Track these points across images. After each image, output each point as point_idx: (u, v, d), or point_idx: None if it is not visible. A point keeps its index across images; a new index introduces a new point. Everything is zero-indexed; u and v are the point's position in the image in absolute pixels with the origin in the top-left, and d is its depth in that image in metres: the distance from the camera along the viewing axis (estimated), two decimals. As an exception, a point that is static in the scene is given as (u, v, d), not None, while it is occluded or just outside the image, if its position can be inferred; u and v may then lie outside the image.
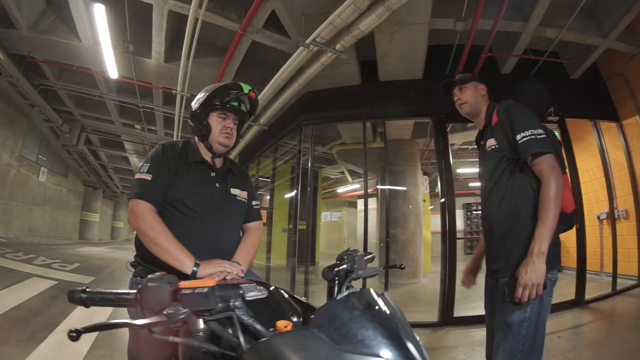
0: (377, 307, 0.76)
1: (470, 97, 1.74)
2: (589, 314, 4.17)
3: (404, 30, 4.08)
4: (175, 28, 5.46)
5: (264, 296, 0.93)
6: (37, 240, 11.67)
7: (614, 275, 4.87)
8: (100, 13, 4.77)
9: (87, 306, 0.80)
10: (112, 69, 6.16)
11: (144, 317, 0.71)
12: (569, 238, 6.06)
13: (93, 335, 3.05)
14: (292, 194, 5.96)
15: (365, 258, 1.21)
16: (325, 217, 17.29)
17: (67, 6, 5.25)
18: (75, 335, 0.63)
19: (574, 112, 5.00)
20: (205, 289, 0.77)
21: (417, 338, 0.74)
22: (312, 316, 0.75)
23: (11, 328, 3.15)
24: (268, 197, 9.17)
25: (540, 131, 1.44)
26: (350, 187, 13.40)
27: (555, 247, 1.41)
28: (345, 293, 0.81)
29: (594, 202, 5.94)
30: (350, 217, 16.63)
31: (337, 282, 1.03)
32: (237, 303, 0.79)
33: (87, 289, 0.80)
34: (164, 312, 0.71)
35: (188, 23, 4.28)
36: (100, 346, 2.94)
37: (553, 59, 4.86)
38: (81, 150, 12.74)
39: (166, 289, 0.76)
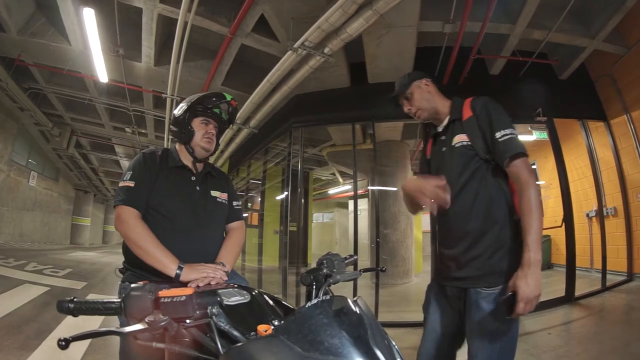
0: (346, 315, 0.80)
1: (420, 101, 1.58)
2: (579, 310, 4.22)
3: (393, 33, 4.11)
4: (165, 31, 5.46)
5: (246, 300, 0.96)
6: (28, 246, 11.56)
7: (604, 271, 4.95)
8: (90, 17, 4.73)
9: (75, 315, 0.82)
10: (102, 73, 6.12)
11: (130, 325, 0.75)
12: (558, 236, 6.13)
13: (87, 342, 3.04)
14: (283, 195, 5.94)
15: (345, 262, 1.23)
16: (317, 218, 17.31)
17: (56, 9, 5.21)
18: (64, 344, 0.65)
19: (563, 112, 5.06)
20: (184, 298, 0.80)
21: (391, 344, 0.77)
22: (282, 323, 0.78)
23: (4, 336, 3.12)
24: (259, 199, 9.15)
25: (516, 132, 1.35)
26: (342, 188, 13.42)
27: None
28: (315, 301, 0.84)
29: (583, 200, 6.02)
30: (342, 218, 16.66)
31: (315, 286, 1.05)
32: (214, 310, 0.81)
33: (75, 299, 0.82)
34: (146, 320, 0.73)
35: (178, 27, 4.28)
36: (94, 352, 2.94)
37: (541, 60, 4.92)
38: (71, 154, 12.66)
39: (147, 297, 0.80)
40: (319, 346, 0.70)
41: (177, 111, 1.62)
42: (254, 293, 1.03)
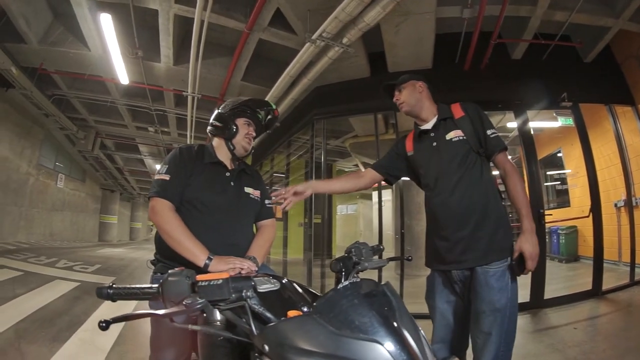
0: (375, 297, 0.83)
1: (408, 96, 1.80)
2: (606, 304, 4.07)
3: (410, 20, 4.03)
4: (182, 31, 5.54)
5: (276, 288, 1.00)
6: (58, 244, 12.02)
7: (632, 264, 4.71)
8: (107, 22, 4.88)
9: (114, 300, 0.85)
10: (123, 75, 6.30)
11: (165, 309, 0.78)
12: (586, 227, 5.92)
13: (116, 333, 3.18)
14: None
15: (372, 250, 1.26)
16: (341, 210, 17.32)
17: (74, 17, 5.40)
18: (104, 325, 0.70)
19: (588, 97, 4.84)
20: (220, 281, 0.83)
21: (416, 326, 0.79)
22: (315, 304, 0.81)
23: (38, 328, 3.26)
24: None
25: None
26: None
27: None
28: (346, 283, 0.89)
29: (611, 190, 5.79)
30: (366, 209, 16.57)
31: (343, 273, 1.08)
32: (249, 293, 0.85)
33: (114, 285, 0.85)
34: (184, 303, 0.76)
35: (194, 26, 4.35)
36: (123, 342, 3.04)
37: (564, 43, 4.72)
38: (97, 155, 13.08)
39: (185, 282, 0.82)
40: (350, 325, 0.73)
41: (222, 109, 1.69)
42: (283, 282, 1.06)
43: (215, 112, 1.71)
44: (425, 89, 1.81)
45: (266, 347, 0.72)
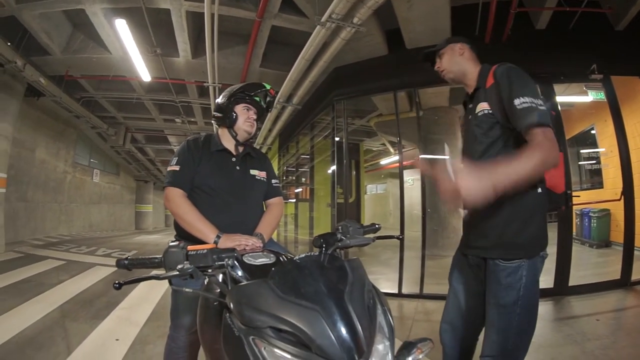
0: (329, 270, 0.94)
1: (448, 62, 1.59)
2: (633, 296, 3.81)
3: (422, -8, 3.87)
4: (196, 25, 5.69)
5: (271, 262, 1.11)
6: (97, 235, 12.85)
7: (667, 254, 4.36)
8: (122, 27, 5.13)
9: (129, 269, 1.02)
10: (145, 73, 6.61)
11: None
12: (619, 210, 5.55)
13: (149, 310, 3.55)
14: (331, 169, 5.95)
15: (364, 229, 1.31)
16: (371, 189, 17.24)
17: (92, 25, 5.70)
18: (117, 286, 0.89)
19: (621, 69, 4.46)
20: (205, 251, 1.01)
21: (377, 306, 0.89)
22: (273, 270, 0.93)
23: (79, 309, 3.60)
24: (311, 173, 9.24)
25: (541, 102, 1.25)
26: (394, 158, 12.90)
27: (543, 230, 1.36)
28: (303, 255, 1.00)
29: (646, 171, 5.39)
30: (395, 188, 16.23)
31: (324, 249, 1.13)
32: (229, 262, 1.02)
33: (129, 257, 1.03)
34: (177, 268, 0.94)
35: (205, 19, 4.44)
36: (156, 319, 3.31)
37: (592, 9, 4.34)
38: (128, 149, 13.78)
39: (180, 252, 0.99)
40: (296, 292, 0.83)
41: (221, 99, 1.79)
42: (281, 259, 1.14)
43: (215, 102, 1.79)
44: (467, 50, 1.58)
45: (231, 305, 0.86)
